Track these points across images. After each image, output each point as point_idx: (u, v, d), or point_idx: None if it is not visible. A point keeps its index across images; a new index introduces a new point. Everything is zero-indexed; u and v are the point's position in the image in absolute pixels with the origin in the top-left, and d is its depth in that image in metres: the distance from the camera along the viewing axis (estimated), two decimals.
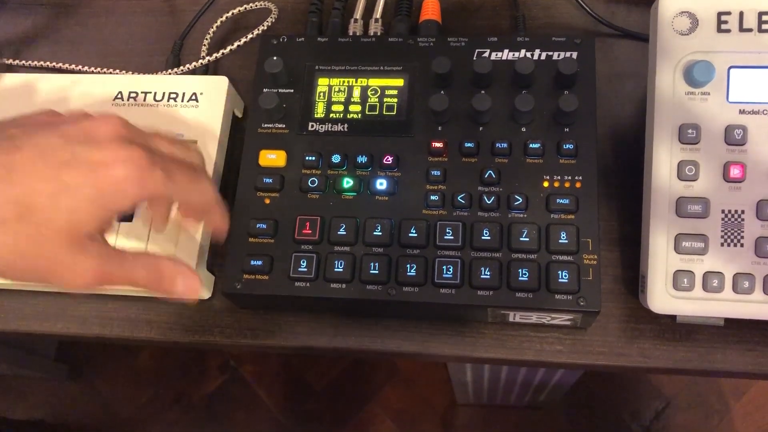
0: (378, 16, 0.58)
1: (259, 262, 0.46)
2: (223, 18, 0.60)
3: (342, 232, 0.46)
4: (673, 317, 0.46)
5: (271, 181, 0.48)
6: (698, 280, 0.43)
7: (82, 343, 1.56)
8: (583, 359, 0.48)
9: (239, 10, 0.61)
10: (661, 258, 0.44)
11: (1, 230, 0.33)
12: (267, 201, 0.48)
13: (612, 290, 0.49)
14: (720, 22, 0.44)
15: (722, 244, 0.43)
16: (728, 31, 0.44)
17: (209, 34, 0.60)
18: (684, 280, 0.43)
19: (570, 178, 0.46)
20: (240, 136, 0.54)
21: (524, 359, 0.48)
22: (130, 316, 0.52)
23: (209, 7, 0.62)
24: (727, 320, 0.45)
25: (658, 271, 0.44)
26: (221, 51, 0.58)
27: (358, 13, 0.59)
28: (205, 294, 0.51)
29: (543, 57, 0.50)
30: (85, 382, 1.56)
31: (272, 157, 0.49)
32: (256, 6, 0.61)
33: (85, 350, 1.58)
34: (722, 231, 0.43)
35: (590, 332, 0.48)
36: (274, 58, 0.51)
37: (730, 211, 0.43)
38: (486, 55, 0.50)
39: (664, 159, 0.44)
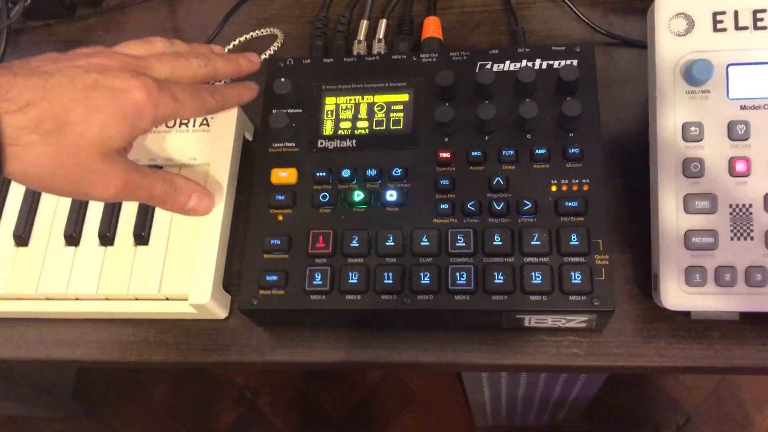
0: (381, 36, 0.60)
1: (275, 277, 0.47)
2: (231, 46, 0.62)
3: (355, 244, 0.47)
4: (687, 315, 0.47)
5: (283, 197, 0.49)
6: (710, 275, 0.44)
7: (99, 380, 1.56)
8: (600, 361, 0.48)
9: (246, 38, 0.62)
10: (672, 255, 0.44)
11: (44, 141, 0.38)
12: (280, 217, 0.49)
13: (625, 291, 0.49)
14: (716, 21, 0.45)
15: (732, 238, 0.44)
16: (724, 30, 0.45)
17: None
18: (696, 276, 0.44)
19: (577, 181, 0.47)
20: (251, 158, 0.56)
21: (541, 364, 0.48)
22: (147, 338, 0.53)
23: (216, 35, 0.64)
24: (743, 315, 0.45)
25: (669, 268, 0.44)
26: None
27: (362, 35, 0.60)
28: (222, 314, 0.52)
29: (544, 66, 0.51)
30: (103, 420, 1.55)
31: (284, 175, 0.50)
32: (262, 33, 0.63)
33: (102, 387, 1.57)
34: (731, 225, 0.44)
35: (606, 334, 0.48)
36: (282, 79, 0.52)
37: (738, 206, 0.44)
38: (488, 66, 0.52)
39: (668, 158, 0.45)
